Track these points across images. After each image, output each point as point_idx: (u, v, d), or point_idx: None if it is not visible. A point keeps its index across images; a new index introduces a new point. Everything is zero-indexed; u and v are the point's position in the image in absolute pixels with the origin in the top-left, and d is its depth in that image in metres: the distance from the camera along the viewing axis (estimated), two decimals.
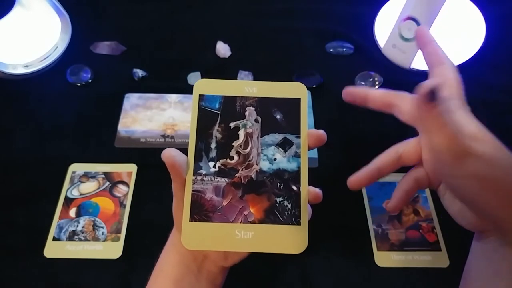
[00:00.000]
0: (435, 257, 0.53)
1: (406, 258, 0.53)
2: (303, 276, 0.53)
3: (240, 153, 0.34)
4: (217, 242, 0.32)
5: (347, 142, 0.64)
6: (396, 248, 0.54)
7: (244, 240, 0.32)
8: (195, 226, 0.32)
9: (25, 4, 0.66)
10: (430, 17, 0.64)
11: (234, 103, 0.35)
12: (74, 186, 0.59)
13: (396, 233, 0.55)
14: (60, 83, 0.70)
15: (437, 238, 0.54)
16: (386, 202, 0.40)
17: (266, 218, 0.32)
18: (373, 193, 0.58)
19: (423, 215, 0.56)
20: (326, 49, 0.75)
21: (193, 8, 0.82)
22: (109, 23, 0.79)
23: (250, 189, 0.33)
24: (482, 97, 0.68)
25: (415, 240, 0.54)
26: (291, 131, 0.34)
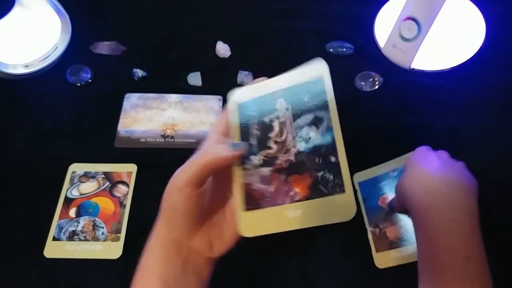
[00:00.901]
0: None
1: (406, 253, 0.52)
2: (303, 276, 0.53)
3: (278, 141, 0.36)
4: (271, 225, 0.34)
5: (347, 141, 0.64)
6: (395, 245, 0.53)
7: (294, 218, 0.34)
8: (250, 214, 0.35)
9: (25, 4, 0.66)
10: (430, 17, 0.64)
11: (265, 100, 0.38)
12: (74, 186, 0.59)
13: (395, 229, 0.54)
14: (60, 83, 0.70)
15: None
16: (382, 199, 0.40)
17: (311, 193, 0.34)
18: (368, 193, 0.58)
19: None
20: (326, 49, 0.75)
21: (193, 8, 0.82)
22: (109, 23, 0.79)
23: (292, 171, 0.35)
24: (482, 97, 0.68)
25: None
26: (320, 108, 0.36)
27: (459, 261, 0.40)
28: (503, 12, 0.75)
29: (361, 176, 0.59)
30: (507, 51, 0.73)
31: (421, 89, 0.69)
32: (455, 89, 0.69)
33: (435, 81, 0.70)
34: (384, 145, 0.64)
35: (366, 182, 0.58)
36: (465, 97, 0.68)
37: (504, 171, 0.61)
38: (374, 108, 0.68)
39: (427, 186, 0.45)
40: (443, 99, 0.68)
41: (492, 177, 0.61)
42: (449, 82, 0.69)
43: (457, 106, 0.67)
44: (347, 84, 0.71)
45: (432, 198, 0.44)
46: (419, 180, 0.46)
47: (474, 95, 0.68)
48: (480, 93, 0.69)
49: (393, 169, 0.57)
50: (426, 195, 0.44)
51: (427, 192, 0.44)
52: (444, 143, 0.63)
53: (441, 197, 0.43)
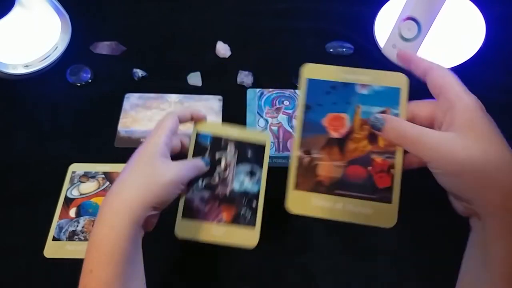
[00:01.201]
0: (378, 211, 0.37)
1: (335, 206, 0.38)
2: (303, 276, 0.53)
3: (221, 176, 0.46)
4: (199, 235, 0.44)
5: None
6: (324, 189, 0.38)
7: (217, 234, 0.44)
8: (185, 221, 0.44)
9: (25, 4, 0.66)
10: (430, 17, 0.64)
11: (220, 141, 0.47)
12: (74, 186, 0.59)
13: (331, 166, 0.38)
14: (60, 83, 0.70)
15: (392, 184, 0.38)
16: (329, 120, 0.40)
17: (233, 221, 0.45)
18: (316, 99, 0.40)
19: (381, 144, 0.38)
20: (326, 49, 0.75)
21: (193, 8, 0.82)
22: (109, 23, 0.79)
23: (224, 201, 0.45)
24: (482, 97, 0.68)
25: (356, 182, 0.38)
26: (257, 165, 0.47)
27: None
28: (503, 12, 0.75)
29: (313, 72, 0.41)
30: (507, 51, 0.73)
31: (421, 89, 0.69)
32: None
33: None
34: None
35: (318, 83, 0.40)
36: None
37: None
38: None
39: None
40: None
41: None
42: None
43: None
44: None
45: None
46: (506, 160, 0.31)
47: (474, 95, 0.68)
48: (480, 93, 0.68)
49: (364, 84, 0.40)
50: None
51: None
52: None
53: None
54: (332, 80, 0.40)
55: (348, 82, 0.40)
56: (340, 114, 0.39)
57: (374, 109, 0.39)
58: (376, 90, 0.40)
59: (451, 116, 0.34)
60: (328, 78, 0.40)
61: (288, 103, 0.68)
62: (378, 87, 0.40)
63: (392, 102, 0.39)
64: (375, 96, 0.39)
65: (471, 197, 0.33)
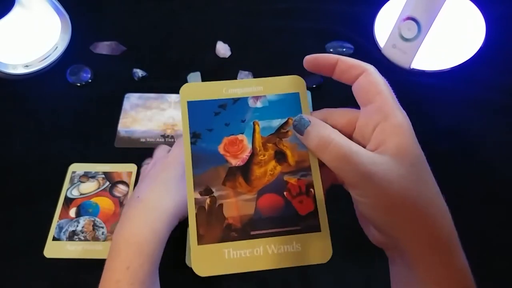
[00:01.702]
0: (308, 244, 0.31)
1: (254, 253, 0.31)
2: (303, 276, 0.53)
3: None
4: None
5: None
6: (236, 234, 0.31)
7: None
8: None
9: (25, 4, 0.66)
10: (430, 17, 0.64)
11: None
12: (74, 186, 0.59)
13: (238, 203, 0.32)
14: (60, 83, 0.70)
15: (315, 206, 0.32)
16: (225, 145, 0.33)
17: None
18: (204, 124, 0.33)
19: (292, 161, 0.32)
20: (326, 49, 0.75)
21: (193, 8, 0.82)
22: (109, 23, 0.79)
23: None
24: (482, 97, 0.68)
25: (273, 215, 0.31)
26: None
27: None
28: (503, 12, 0.75)
29: (194, 92, 0.34)
30: (507, 51, 0.73)
31: (421, 89, 0.69)
32: (455, 89, 0.69)
33: (435, 81, 0.70)
34: None
35: (203, 105, 0.33)
36: (465, 97, 0.68)
37: (504, 171, 0.61)
38: None
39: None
40: (443, 99, 0.68)
41: (492, 177, 0.61)
42: (449, 82, 0.69)
43: (457, 106, 0.67)
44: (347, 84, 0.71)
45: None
46: (434, 193, 0.29)
47: (474, 95, 0.68)
48: (480, 93, 0.69)
49: (257, 96, 0.34)
50: (446, 213, 0.29)
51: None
52: (444, 143, 0.64)
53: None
54: (219, 98, 0.34)
55: (238, 97, 0.34)
56: (237, 136, 0.33)
57: (275, 122, 0.33)
58: (272, 101, 0.34)
59: (382, 134, 0.28)
60: (213, 97, 0.34)
61: None
62: (273, 97, 0.34)
63: (293, 110, 0.34)
64: (272, 107, 0.34)
65: (397, 235, 0.28)
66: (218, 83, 0.35)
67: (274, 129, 0.33)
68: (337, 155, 0.28)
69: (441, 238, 0.28)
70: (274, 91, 0.34)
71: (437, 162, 0.68)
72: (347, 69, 0.31)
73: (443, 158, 0.61)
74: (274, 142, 0.33)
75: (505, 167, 0.61)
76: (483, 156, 0.62)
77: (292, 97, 0.34)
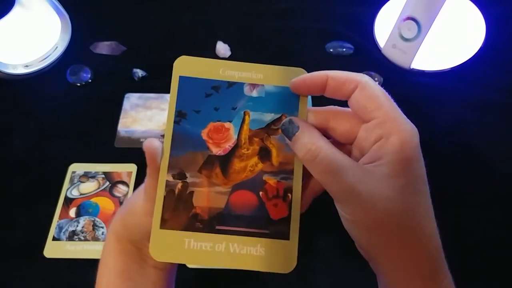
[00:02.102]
0: (272, 251, 0.29)
1: (215, 248, 0.29)
2: (303, 276, 0.53)
3: None
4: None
5: None
6: (201, 225, 0.29)
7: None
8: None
9: (25, 4, 0.66)
10: (430, 17, 0.64)
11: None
12: (74, 186, 0.59)
13: (210, 193, 0.30)
14: (60, 83, 0.70)
15: (289, 212, 0.30)
16: (209, 131, 0.30)
17: None
18: (192, 104, 0.31)
19: (276, 162, 0.30)
20: (326, 49, 0.75)
21: (193, 8, 0.82)
22: (109, 23, 0.79)
23: None
24: (482, 97, 0.68)
25: (243, 214, 0.30)
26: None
27: None
28: (503, 12, 0.75)
29: (189, 67, 0.32)
30: (507, 51, 0.73)
31: (421, 89, 0.69)
32: (455, 89, 0.69)
33: (435, 81, 0.70)
34: None
35: (196, 83, 0.32)
36: (465, 97, 0.68)
37: (504, 170, 0.61)
38: None
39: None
40: (443, 99, 0.68)
41: (492, 177, 0.61)
42: (449, 82, 0.69)
43: (457, 106, 0.67)
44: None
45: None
46: (427, 217, 0.27)
47: (474, 95, 0.68)
48: (480, 93, 0.69)
49: (254, 83, 0.32)
50: (434, 237, 0.28)
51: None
52: (444, 143, 0.64)
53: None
54: (213, 78, 0.32)
55: (235, 81, 0.32)
56: (224, 123, 0.31)
57: (267, 116, 0.31)
58: (269, 92, 0.32)
59: (380, 150, 0.27)
60: (209, 76, 0.32)
61: None
62: (272, 88, 0.32)
63: (289, 107, 0.31)
64: (268, 99, 0.31)
65: (376, 255, 0.28)
66: (216, 61, 0.32)
67: (264, 123, 0.31)
68: (324, 168, 0.27)
69: (423, 263, 0.26)
70: (274, 82, 0.32)
71: (437, 162, 0.69)
72: (339, 86, 0.29)
73: (443, 158, 0.61)
74: (261, 137, 0.31)
75: (505, 167, 0.61)
76: (483, 156, 0.62)
77: (291, 92, 0.31)
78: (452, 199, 0.58)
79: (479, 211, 0.57)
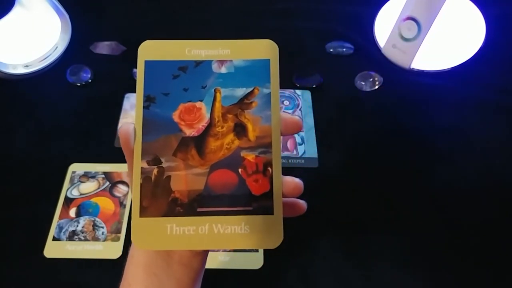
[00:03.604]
0: (257, 227, 0.29)
1: (199, 231, 0.28)
2: (303, 276, 0.53)
3: None
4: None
5: (346, 142, 0.64)
6: (181, 210, 0.29)
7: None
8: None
9: (25, 4, 0.66)
10: (430, 17, 0.65)
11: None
12: (74, 186, 0.59)
13: (188, 176, 0.29)
14: (60, 83, 0.70)
15: (271, 186, 0.29)
16: (181, 112, 0.30)
17: None
18: (160, 87, 0.31)
19: (252, 136, 0.30)
20: (326, 49, 0.75)
21: (193, 8, 0.82)
22: (109, 23, 0.79)
23: None
24: (482, 97, 0.68)
25: (223, 193, 0.29)
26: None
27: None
28: (503, 12, 0.75)
29: (153, 51, 0.33)
30: (507, 51, 0.73)
31: (421, 89, 0.69)
32: (455, 89, 0.69)
33: (435, 81, 0.70)
34: (384, 144, 0.64)
35: (161, 65, 0.32)
36: (465, 97, 0.68)
37: (504, 170, 0.61)
38: (374, 108, 0.68)
39: None
40: (443, 99, 0.68)
41: (491, 177, 0.61)
42: (449, 82, 0.69)
43: (457, 106, 0.68)
44: (347, 84, 0.71)
45: None
46: None
47: (474, 95, 0.68)
48: (480, 93, 0.69)
49: (222, 59, 0.32)
50: None
51: None
52: (444, 143, 0.64)
53: None
54: (179, 59, 0.32)
55: (202, 59, 0.32)
56: (195, 103, 0.30)
57: (239, 91, 0.30)
58: (239, 67, 0.31)
59: None
60: (174, 58, 0.32)
61: (288, 103, 0.68)
62: (241, 62, 0.32)
63: (261, 79, 0.31)
64: (238, 74, 0.31)
65: None
66: (180, 42, 0.32)
67: (237, 98, 0.30)
68: None
69: None
70: (242, 56, 0.32)
71: (437, 161, 0.69)
72: None
73: (442, 158, 0.61)
74: (235, 113, 0.30)
75: (505, 167, 0.61)
76: (483, 156, 0.62)
77: (261, 64, 0.31)
78: (452, 199, 0.58)
79: (479, 211, 0.57)
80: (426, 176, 0.59)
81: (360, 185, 0.59)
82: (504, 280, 0.52)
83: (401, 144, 0.63)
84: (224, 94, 0.30)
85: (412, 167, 0.61)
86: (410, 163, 0.61)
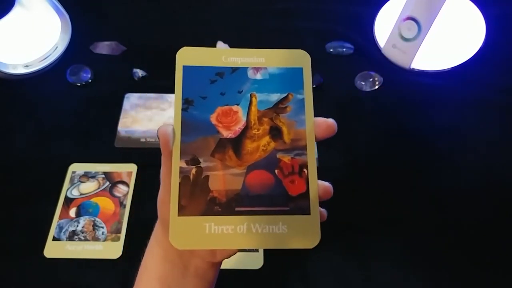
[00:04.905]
0: (295, 227, 0.29)
1: (237, 230, 0.29)
2: (303, 276, 0.53)
3: None
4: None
5: (347, 142, 0.64)
6: (219, 209, 0.29)
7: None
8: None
9: (25, 4, 0.66)
10: (430, 17, 0.64)
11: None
12: (74, 186, 0.59)
13: (226, 176, 0.30)
14: (60, 83, 0.70)
15: (307, 187, 0.30)
16: (218, 115, 0.31)
17: None
18: (198, 91, 0.32)
19: (287, 139, 0.31)
20: (326, 49, 0.75)
21: (193, 8, 0.82)
22: (109, 23, 0.79)
23: None
24: (482, 97, 0.68)
25: (261, 193, 0.30)
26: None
27: None
28: (503, 12, 0.75)
29: (192, 57, 0.33)
30: (507, 51, 0.73)
31: (421, 89, 0.69)
32: (455, 89, 0.69)
33: (435, 81, 0.70)
34: (384, 144, 0.64)
35: (199, 71, 0.32)
36: (465, 97, 0.68)
37: (504, 171, 0.61)
38: (374, 108, 0.68)
39: None
40: (443, 99, 0.68)
41: (491, 177, 0.61)
42: (449, 82, 0.69)
43: (457, 106, 0.68)
44: (347, 84, 0.71)
45: None
46: None
47: (474, 95, 0.68)
48: (480, 93, 0.69)
49: (257, 67, 0.33)
50: None
51: None
52: (444, 143, 0.64)
53: None
54: (216, 65, 0.32)
55: (238, 66, 0.32)
56: (232, 107, 0.31)
57: (273, 96, 0.32)
58: (273, 74, 0.32)
59: None
60: (212, 64, 0.32)
61: None
62: (275, 70, 0.33)
63: (294, 86, 0.32)
64: (272, 80, 0.32)
65: None
66: (217, 49, 0.33)
67: (272, 103, 0.31)
68: None
69: None
70: (276, 64, 0.33)
71: (437, 161, 0.69)
72: None
73: (442, 158, 0.61)
74: (270, 117, 0.31)
75: (504, 166, 0.61)
76: (483, 156, 0.62)
77: (294, 72, 0.32)
78: (452, 199, 0.58)
79: (479, 211, 0.57)
80: (426, 176, 0.59)
81: (360, 185, 0.59)
82: (504, 280, 0.52)
83: (401, 144, 0.63)
84: (259, 99, 0.32)
85: (412, 167, 0.61)
86: (410, 163, 0.61)
